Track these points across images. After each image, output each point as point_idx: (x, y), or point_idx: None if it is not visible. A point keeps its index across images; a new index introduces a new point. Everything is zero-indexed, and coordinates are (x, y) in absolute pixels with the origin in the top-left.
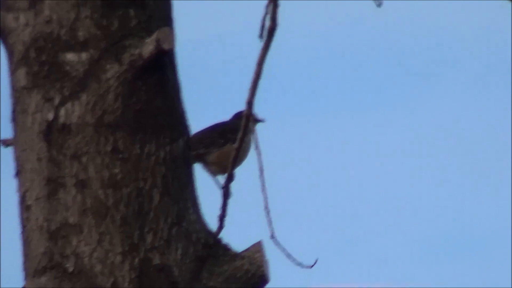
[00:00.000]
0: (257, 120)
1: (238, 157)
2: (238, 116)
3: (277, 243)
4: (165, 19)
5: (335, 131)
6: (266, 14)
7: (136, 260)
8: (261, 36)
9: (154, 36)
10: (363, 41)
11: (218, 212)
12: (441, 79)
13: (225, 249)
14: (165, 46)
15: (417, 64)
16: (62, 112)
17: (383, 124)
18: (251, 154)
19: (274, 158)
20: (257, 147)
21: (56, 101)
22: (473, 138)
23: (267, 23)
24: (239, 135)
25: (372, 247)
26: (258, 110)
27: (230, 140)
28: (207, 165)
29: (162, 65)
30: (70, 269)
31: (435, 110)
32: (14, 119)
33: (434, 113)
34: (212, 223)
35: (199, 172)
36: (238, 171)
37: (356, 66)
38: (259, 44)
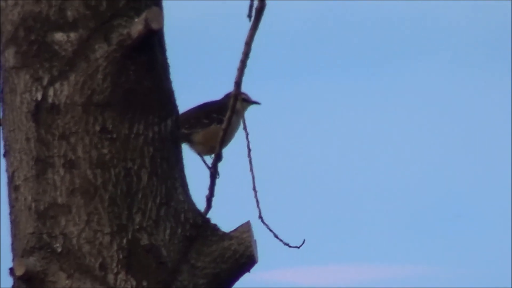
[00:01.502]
0: (251, 102)
1: (225, 137)
2: (228, 96)
3: (265, 224)
4: None
5: (323, 111)
6: None
7: (125, 240)
8: (249, 15)
9: (143, 16)
10: (352, 18)
11: (206, 192)
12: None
13: (214, 229)
14: (154, 26)
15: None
16: (50, 92)
17: (370, 104)
18: (239, 134)
19: (262, 138)
20: (244, 127)
21: (45, 81)
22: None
23: (256, 3)
24: (227, 115)
25: (360, 227)
26: (247, 90)
27: (215, 121)
28: (193, 145)
29: (151, 45)
30: (59, 249)
31: (421, 90)
32: (3, 99)
33: (420, 94)
34: (200, 203)
35: (187, 152)
36: (226, 151)
37: (345, 44)
38: (247, 24)
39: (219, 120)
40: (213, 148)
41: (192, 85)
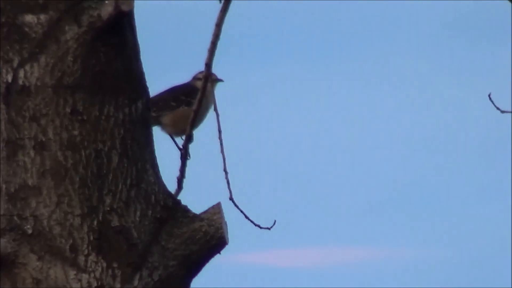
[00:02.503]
0: (216, 80)
1: (195, 121)
2: (196, 77)
3: (235, 205)
4: None
5: (295, 93)
6: None
7: (95, 222)
8: None
9: None
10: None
11: (177, 174)
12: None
13: (184, 211)
14: (124, 8)
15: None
16: (21, 73)
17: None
18: (210, 116)
19: (232, 119)
20: (215, 109)
21: (15, 62)
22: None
23: None
24: (198, 96)
25: (330, 208)
26: (216, 71)
27: (184, 103)
28: (163, 127)
29: (121, 27)
30: (29, 231)
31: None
32: None
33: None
34: (171, 185)
35: (158, 134)
36: (197, 133)
37: (322, 25)
38: (217, 5)
39: (187, 102)
40: (183, 130)
41: (163, 67)
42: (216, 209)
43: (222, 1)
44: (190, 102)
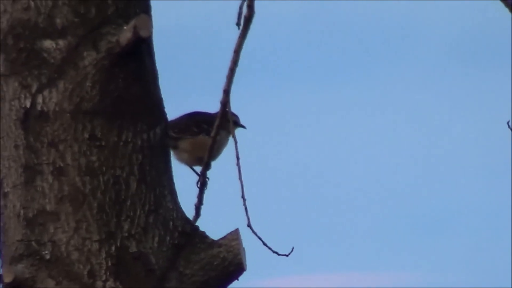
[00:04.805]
0: (238, 125)
1: (213, 148)
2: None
3: (253, 232)
4: (142, 6)
5: (311, 120)
6: (243, 1)
7: (113, 247)
8: (238, 23)
9: (131, 23)
10: (341, 20)
11: (194, 200)
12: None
13: (202, 237)
14: (143, 34)
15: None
16: (39, 99)
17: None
18: (228, 147)
19: (250, 146)
20: (233, 135)
21: (34, 88)
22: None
23: (244, 11)
24: (216, 122)
25: (349, 235)
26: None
27: (204, 131)
28: (179, 151)
29: (140, 53)
30: (47, 257)
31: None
32: None
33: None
34: (189, 211)
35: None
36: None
37: (335, 48)
38: (236, 32)
39: (209, 131)
40: (199, 158)
41: (181, 93)
42: (234, 236)
43: (241, 27)
44: (211, 132)
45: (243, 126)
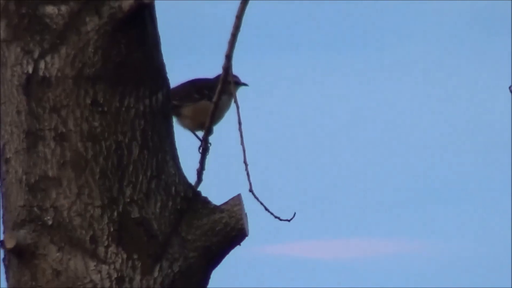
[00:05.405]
0: (241, 84)
1: (216, 112)
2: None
3: (255, 197)
4: None
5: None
6: None
7: (115, 213)
8: None
9: None
10: None
11: (196, 165)
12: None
13: (204, 202)
14: None
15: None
16: (41, 65)
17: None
18: (230, 111)
19: (252, 111)
20: (235, 100)
21: (36, 54)
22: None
23: None
24: (218, 88)
25: (352, 201)
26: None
27: (206, 97)
28: (182, 118)
29: (142, 18)
30: (49, 222)
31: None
32: None
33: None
34: (191, 176)
35: (178, 126)
36: (216, 125)
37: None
38: None
39: (210, 97)
40: (202, 124)
41: (183, 59)
42: (236, 201)
43: None
44: (212, 97)
45: (245, 84)
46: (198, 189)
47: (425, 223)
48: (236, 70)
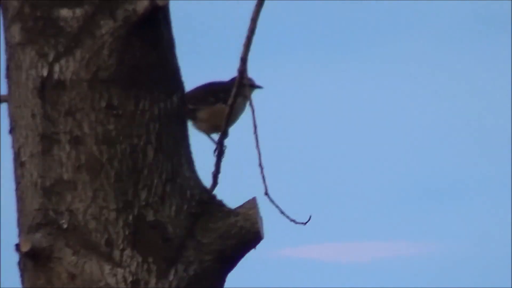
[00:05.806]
0: (255, 86)
1: (231, 115)
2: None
3: (271, 200)
4: None
5: (331, 87)
6: None
7: (130, 216)
8: None
9: None
10: None
11: (212, 169)
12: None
13: (220, 205)
14: (160, 2)
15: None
16: (56, 68)
17: (374, 79)
18: (245, 114)
19: (268, 114)
20: (250, 103)
21: (51, 57)
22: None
23: None
24: (233, 91)
25: (367, 204)
26: (252, 67)
27: (221, 100)
28: (197, 121)
29: (157, 21)
30: (64, 226)
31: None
32: (8, 76)
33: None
34: (206, 180)
35: (193, 129)
36: (232, 128)
37: (353, 18)
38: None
39: (225, 100)
40: (217, 127)
41: (198, 62)
42: (252, 204)
43: None
44: (227, 100)
45: (260, 87)
46: (214, 192)
47: (436, 225)
48: (251, 72)
